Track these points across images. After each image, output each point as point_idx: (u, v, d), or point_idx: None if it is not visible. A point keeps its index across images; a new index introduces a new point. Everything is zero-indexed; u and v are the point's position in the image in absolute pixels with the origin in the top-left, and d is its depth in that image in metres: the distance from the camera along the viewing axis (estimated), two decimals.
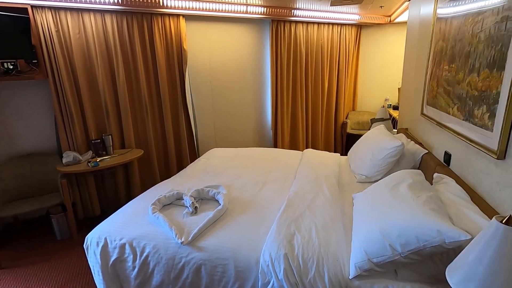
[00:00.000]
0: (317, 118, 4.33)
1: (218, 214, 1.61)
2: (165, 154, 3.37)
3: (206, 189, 1.87)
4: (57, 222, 2.57)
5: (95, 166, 2.48)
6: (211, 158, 2.76)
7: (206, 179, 2.23)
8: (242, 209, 1.71)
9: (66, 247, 2.49)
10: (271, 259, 1.28)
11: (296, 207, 1.64)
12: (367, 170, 2.11)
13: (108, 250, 1.50)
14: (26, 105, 2.73)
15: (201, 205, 1.80)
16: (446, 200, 1.32)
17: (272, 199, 1.84)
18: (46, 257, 2.36)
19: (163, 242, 1.45)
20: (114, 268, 1.50)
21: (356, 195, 1.74)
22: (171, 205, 1.83)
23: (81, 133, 2.80)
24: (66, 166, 2.51)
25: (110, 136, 2.81)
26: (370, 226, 1.26)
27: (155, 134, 3.25)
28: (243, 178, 2.20)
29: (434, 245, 1.05)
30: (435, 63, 1.95)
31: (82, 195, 2.87)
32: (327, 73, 4.25)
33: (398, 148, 1.96)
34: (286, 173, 2.29)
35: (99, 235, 1.54)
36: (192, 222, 1.58)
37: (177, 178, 2.33)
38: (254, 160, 2.64)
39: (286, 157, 2.69)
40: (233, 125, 4.10)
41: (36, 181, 2.69)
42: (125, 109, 2.96)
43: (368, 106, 4.84)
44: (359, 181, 2.11)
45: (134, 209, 1.77)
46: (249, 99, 4.10)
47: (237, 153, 2.88)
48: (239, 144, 4.15)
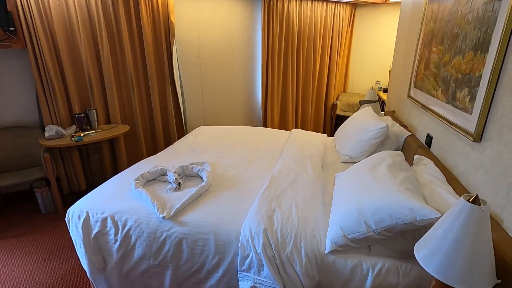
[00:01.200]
0: (307, 98, 4.31)
1: (201, 190, 1.62)
2: (152, 130, 3.33)
3: (190, 165, 1.87)
4: (41, 196, 2.55)
5: (79, 140, 2.44)
6: (199, 136, 2.74)
7: (192, 156, 2.23)
8: (226, 186, 1.72)
9: (51, 221, 2.49)
10: (251, 234, 1.31)
11: (279, 184, 1.67)
12: (351, 151, 2.13)
13: (90, 224, 1.51)
14: (5, 76, 2.61)
15: (185, 181, 1.81)
16: (422, 180, 1.36)
17: (256, 177, 1.85)
18: (30, 230, 2.37)
19: (145, 216, 1.46)
20: (96, 241, 1.51)
21: (338, 175, 1.76)
22: (154, 181, 1.83)
23: (64, 106, 2.73)
24: (49, 140, 2.46)
25: (94, 111, 2.74)
26: (348, 204, 1.29)
27: (142, 110, 3.18)
28: (229, 156, 2.21)
29: (406, 223, 1.09)
30: (424, 45, 1.94)
31: (67, 170, 2.84)
32: (319, 53, 4.18)
33: (382, 129, 1.98)
34: (273, 152, 2.30)
35: (80, 209, 1.54)
36: (175, 198, 1.59)
37: (163, 154, 2.31)
38: (241, 138, 2.63)
39: (274, 137, 2.69)
40: (223, 103, 4.05)
41: (18, 154, 2.63)
42: (110, 83, 2.88)
43: (359, 88, 4.83)
44: (343, 161, 2.14)
45: (117, 184, 1.76)
46: (239, 77, 4.03)
47: (225, 131, 2.87)
48: (228, 122, 4.12)
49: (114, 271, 1.51)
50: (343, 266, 1.22)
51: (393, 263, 1.19)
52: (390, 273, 1.18)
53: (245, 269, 1.30)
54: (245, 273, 1.30)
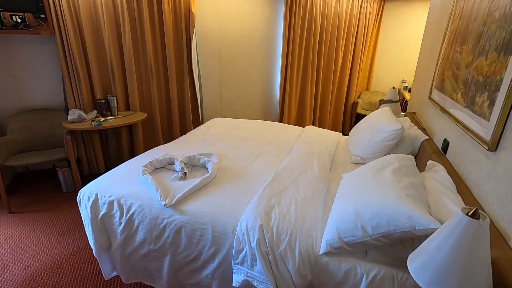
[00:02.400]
0: (327, 95, 4.21)
1: (205, 181, 1.64)
2: (169, 119, 3.41)
3: (197, 156, 1.90)
4: (63, 175, 2.71)
5: (98, 125, 2.55)
6: (212, 127, 2.77)
7: (202, 147, 2.26)
8: (229, 178, 1.73)
9: (70, 199, 2.65)
10: (247, 228, 1.31)
11: (282, 181, 1.65)
12: (362, 151, 2.07)
13: (98, 205, 1.58)
14: (34, 60, 2.78)
15: (191, 171, 1.84)
16: (430, 187, 1.29)
17: (261, 171, 1.85)
18: (50, 207, 2.53)
19: (148, 202, 1.51)
20: (102, 222, 1.58)
21: (344, 175, 1.72)
22: (162, 168, 1.88)
23: (87, 92, 2.86)
24: (71, 123, 2.60)
25: (115, 97, 2.85)
26: (345, 206, 1.25)
27: (160, 99, 3.26)
28: (238, 149, 2.22)
29: (404, 231, 1.04)
30: (449, 44, 1.82)
31: (87, 152, 2.99)
32: (342, 48, 4.05)
33: (396, 131, 1.89)
34: (282, 147, 2.28)
35: (90, 191, 1.62)
36: (179, 187, 1.63)
37: (175, 143, 2.37)
38: (253, 132, 2.63)
39: (286, 132, 2.67)
40: (240, 96, 4.05)
41: (45, 135, 2.80)
42: (131, 71, 2.97)
43: (383, 87, 4.65)
44: (353, 161, 2.08)
45: (127, 169, 1.83)
46: (257, 70, 4.01)
47: (238, 124, 2.87)
48: (245, 115, 4.13)
49: (117, 252, 1.59)
50: (337, 268, 1.19)
51: (389, 271, 1.15)
52: (385, 280, 1.14)
53: (239, 262, 1.31)
54: (239, 266, 1.32)
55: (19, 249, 2.03)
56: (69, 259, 1.95)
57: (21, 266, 1.88)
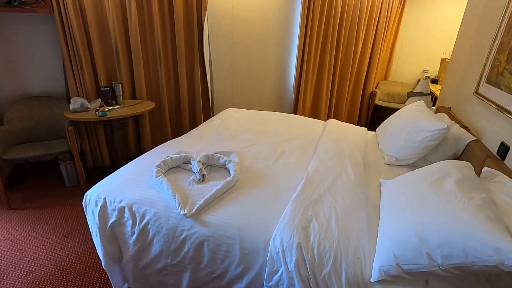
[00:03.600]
0: (343, 84, 3.96)
1: (227, 185, 1.45)
2: (178, 108, 3.18)
3: (216, 155, 1.70)
4: (66, 169, 2.53)
5: (103, 115, 2.33)
6: (226, 119, 2.56)
7: (217, 142, 2.05)
8: (254, 182, 1.54)
9: (74, 195, 2.47)
10: (282, 247, 1.13)
11: (315, 187, 1.45)
12: (398, 152, 1.86)
13: (107, 211, 1.40)
14: (33, 43, 2.53)
15: (209, 172, 1.65)
16: (502, 204, 1.09)
17: (288, 173, 1.65)
18: (53, 203, 2.35)
19: (164, 211, 1.32)
20: (112, 230, 1.40)
21: (384, 182, 1.52)
22: (177, 168, 1.68)
23: (90, 78, 2.62)
24: (74, 113, 2.38)
25: (120, 85, 2.62)
26: (403, 225, 1.06)
27: (168, 86, 3.03)
28: (258, 146, 2.01)
29: (487, 265, 0.85)
30: (509, 31, 1.57)
31: (91, 143, 2.79)
32: (362, 35, 3.77)
33: (441, 131, 1.68)
34: (306, 144, 2.08)
35: (98, 194, 1.43)
36: (198, 192, 1.43)
37: (187, 138, 2.16)
38: (271, 125, 2.42)
39: (307, 126, 2.45)
40: (252, 84, 3.81)
41: (45, 124, 2.60)
42: (137, 56, 2.72)
43: (402, 77, 4.39)
44: (387, 163, 1.88)
45: (138, 168, 1.63)
46: (272, 56, 3.74)
47: (253, 116, 2.66)
48: (257, 104, 3.90)
49: (129, 264, 1.41)
50: None
51: None
52: None
53: (273, 285, 1.14)
54: None
55: (19, 252, 1.86)
56: (74, 265, 1.78)
57: (22, 272, 1.72)
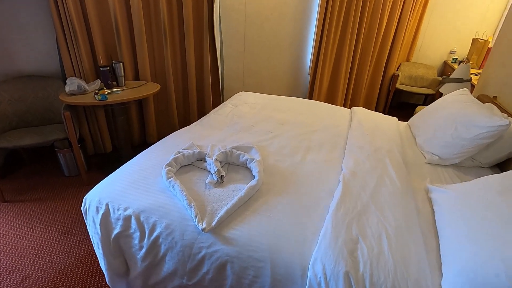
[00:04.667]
0: (364, 65, 3.63)
1: (251, 191, 1.22)
2: (185, 89, 2.91)
3: (235, 152, 1.46)
4: (64, 158, 2.31)
5: (103, 99, 2.07)
6: (239, 105, 2.30)
7: (233, 134, 1.81)
8: (281, 186, 1.31)
9: (74, 186, 2.27)
10: (324, 275, 0.92)
11: (356, 195, 1.23)
12: (442, 150, 1.62)
13: (110, 220, 1.19)
14: (23, 16, 2.22)
15: (228, 171, 1.42)
16: None
17: (319, 175, 1.42)
18: (51, 195, 2.15)
19: (179, 223, 1.10)
20: (117, 242, 1.20)
21: (435, 189, 1.29)
22: (190, 166, 1.45)
23: (88, 56, 2.34)
24: (70, 96, 2.12)
25: (121, 64, 2.33)
26: (482, 258, 0.84)
27: (174, 66, 2.74)
28: (280, 138, 1.77)
29: None
30: None
31: (91, 129, 2.55)
32: (387, 10, 3.39)
33: (501, 128, 1.42)
34: (334, 137, 1.83)
35: (99, 199, 1.21)
36: (217, 198, 1.21)
37: (198, 127, 1.92)
38: (292, 114, 2.16)
39: (332, 115, 2.19)
40: (266, 65, 3.50)
41: (39, 108, 2.35)
42: (140, 33, 2.42)
43: (426, 58, 4.04)
44: (429, 162, 1.64)
45: (144, 166, 1.40)
46: (288, 33, 3.40)
47: (270, 101, 2.39)
48: (270, 85, 3.61)
49: (137, 280, 1.22)
50: None
51: None
52: None
53: None
54: None
55: (15, 253, 1.68)
56: (74, 269, 1.60)
57: (18, 277, 1.55)
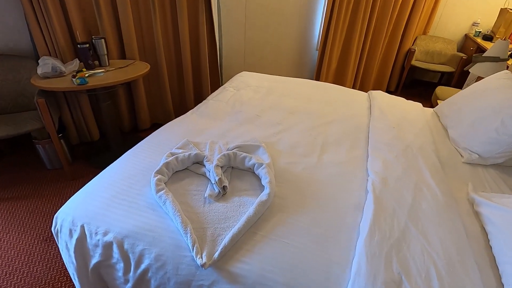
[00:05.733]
0: (378, 39, 3.27)
1: (262, 208, 0.99)
2: (179, 69, 2.58)
3: (240, 154, 1.21)
4: (44, 150, 2.04)
5: (82, 83, 1.77)
6: (242, 89, 2.01)
7: (236, 126, 1.54)
8: (296, 200, 1.07)
9: (57, 181, 2.03)
10: None
11: (392, 214, 0.99)
12: (483, 147, 1.37)
13: (87, 247, 0.96)
14: None
15: (230, 178, 1.17)
16: None
17: (341, 182, 1.18)
18: (31, 192, 1.92)
19: (172, 253, 0.87)
20: (97, 272, 0.98)
21: (484, 203, 1.05)
22: (186, 170, 1.20)
23: (63, 31, 1.99)
24: (44, 80, 1.82)
25: (103, 40, 1.99)
26: None
27: (166, 42, 2.40)
28: (290, 132, 1.51)
29: None
30: None
31: (74, 116, 2.26)
32: None
33: None
34: (353, 130, 1.57)
35: (72, 219, 0.97)
36: (219, 217, 0.98)
37: (195, 116, 1.65)
38: (302, 99, 1.88)
39: (348, 101, 1.91)
40: (269, 39, 3.14)
41: (11, 92, 2.04)
42: (124, 2, 2.05)
43: (445, 31, 3.67)
44: (467, 161, 1.40)
45: (129, 172, 1.15)
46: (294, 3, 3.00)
47: (276, 84, 2.10)
48: (274, 63, 3.27)
49: None
50: None
51: None
52: None
53: None
54: None
55: None
56: (57, 284, 1.41)
57: None
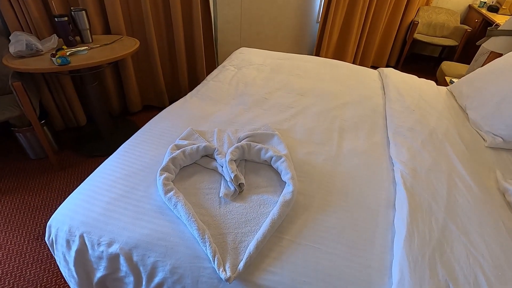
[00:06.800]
0: (381, 12, 3.09)
1: (286, 209, 0.88)
2: (170, 43, 2.35)
3: (254, 145, 1.07)
4: (25, 138, 1.85)
5: (64, 64, 1.55)
6: (243, 67, 1.83)
7: (243, 110, 1.40)
8: (322, 197, 0.97)
9: (43, 171, 1.86)
10: None
11: (428, 210, 0.91)
12: (509, 130, 1.29)
13: (89, 259, 0.83)
14: None
15: (245, 172, 1.05)
16: None
17: (367, 174, 1.08)
18: (16, 186, 1.75)
19: (190, 264, 0.77)
20: (102, 286, 0.87)
21: None
22: (193, 165, 1.07)
23: (36, 2, 1.72)
24: (18, 60, 1.58)
25: (83, 12, 1.74)
26: None
27: (156, 14, 2.15)
28: (304, 117, 1.38)
29: None
30: None
31: (56, 99, 2.04)
32: None
33: None
34: (370, 113, 1.45)
35: (69, 228, 0.84)
36: (238, 220, 0.87)
37: (196, 100, 1.49)
38: (311, 79, 1.74)
39: (359, 80, 1.78)
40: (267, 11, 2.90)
41: None
42: None
43: (448, 2, 3.49)
44: (490, 145, 1.32)
45: (130, 170, 1.01)
46: None
47: (281, 61, 1.93)
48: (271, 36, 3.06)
49: None
50: None
51: None
52: None
53: None
54: None
55: None
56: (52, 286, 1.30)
57: None
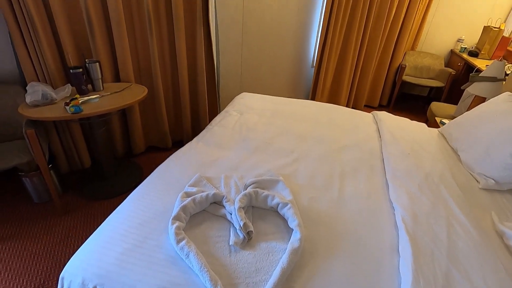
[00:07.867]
0: (371, 55, 3.33)
1: (295, 257, 0.91)
2: (175, 90, 2.48)
3: (261, 193, 1.13)
4: (31, 183, 1.87)
5: (77, 112, 1.64)
6: (245, 112, 1.94)
7: (247, 155, 1.47)
8: (327, 243, 1.00)
9: (46, 216, 1.86)
10: None
11: (431, 256, 0.94)
12: (500, 173, 1.36)
13: None
14: None
15: (252, 218, 1.09)
16: None
17: (368, 218, 1.12)
18: (17, 231, 1.74)
19: None
20: None
21: None
22: (202, 212, 1.11)
23: (53, 55, 1.86)
24: (33, 108, 1.67)
25: (97, 64, 1.88)
26: None
27: (162, 62, 2.30)
28: (305, 161, 1.45)
29: None
30: None
31: (64, 144, 2.11)
32: None
33: None
34: (368, 156, 1.53)
35: (82, 280, 0.85)
36: (249, 268, 0.89)
37: (202, 145, 1.56)
38: (310, 123, 1.84)
39: (354, 123, 1.89)
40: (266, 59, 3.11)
41: None
42: (118, 22, 1.95)
43: (432, 47, 3.79)
44: (484, 187, 1.38)
45: (142, 218, 1.04)
46: (290, 21, 3.01)
47: (280, 107, 2.05)
48: (269, 81, 3.24)
49: None
50: None
51: None
52: None
53: None
54: None
55: None
56: None
57: None
